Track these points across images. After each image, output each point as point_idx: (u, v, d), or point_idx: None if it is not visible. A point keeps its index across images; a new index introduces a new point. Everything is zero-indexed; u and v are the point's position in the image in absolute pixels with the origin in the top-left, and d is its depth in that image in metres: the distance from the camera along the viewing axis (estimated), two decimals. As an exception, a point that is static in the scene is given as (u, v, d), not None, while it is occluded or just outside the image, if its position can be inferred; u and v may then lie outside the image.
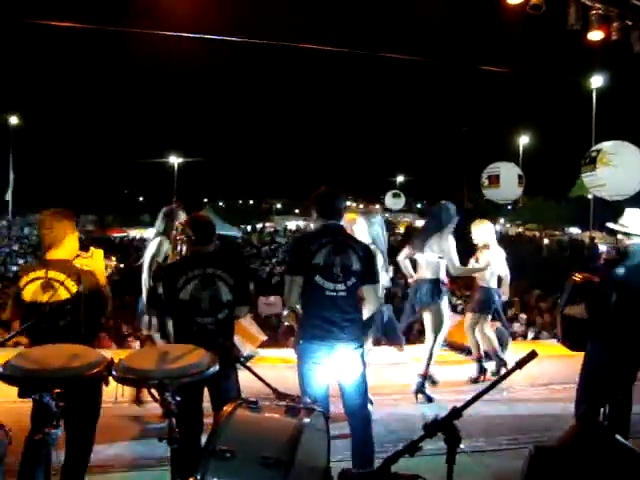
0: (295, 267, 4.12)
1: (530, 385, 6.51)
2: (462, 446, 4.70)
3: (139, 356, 3.39)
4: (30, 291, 3.73)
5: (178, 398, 2.83)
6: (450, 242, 6.33)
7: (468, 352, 7.70)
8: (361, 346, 4.11)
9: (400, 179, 54.49)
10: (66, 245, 3.90)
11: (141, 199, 66.41)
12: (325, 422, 2.76)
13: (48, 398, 2.80)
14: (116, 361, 3.01)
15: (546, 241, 37.33)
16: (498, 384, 2.38)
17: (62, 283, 3.74)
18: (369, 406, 4.60)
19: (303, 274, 4.04)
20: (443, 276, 6.39)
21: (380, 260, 5.41)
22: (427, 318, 6.42)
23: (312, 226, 4.84)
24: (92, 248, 4.17)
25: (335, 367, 3.99)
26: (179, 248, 4.55)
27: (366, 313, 4.27)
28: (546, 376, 6.84)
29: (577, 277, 4.82)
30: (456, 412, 2.23)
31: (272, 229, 50.92)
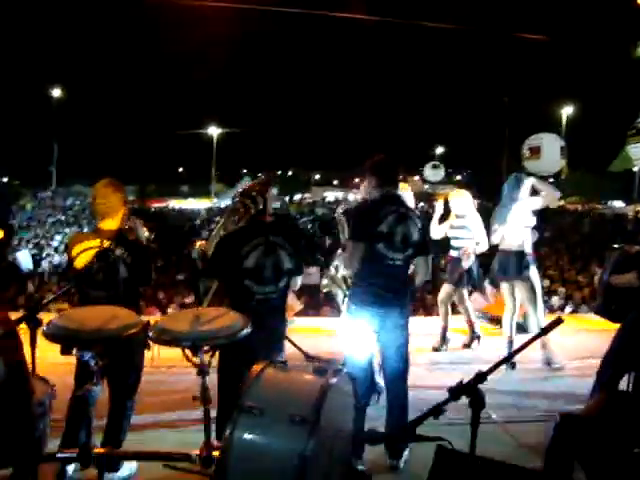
0: (360, 233, 4.14)
1: (567, 358, 6.44)
2: (493, 416, 4.78)
3: (174, 318, 3.51)
4: (83, 260, 3.84)
5: (209, 359, 2.92)
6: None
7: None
8: (408, 315, 4.18)
9: (439, 150, 53.81)
10: (119, 216, 4.00)
11: (180, 170, 67.10)
12: (353, 385, 2.81)
13: (88, 356, 2.93)
14: (152, 323, 3.12)
15: (588, 215, 36.57)
16: (523, 350, 2.39)
17: (115, 252, 3.85)
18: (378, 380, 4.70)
19: (366, 241, 4.07)
20: (529, 247, 6.32)
21: None
22: (511, 289, 6.42)
23: (353, 197, 4.84)
24: (133, 218, 4.23)
25: (383, 334, 4.07)
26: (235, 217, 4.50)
27: (418, 282, 4.34)
28: (584, 350, 6.75)
29: (629, 248, 4.76)
30: (480, 376, 2.26)
31: (310, 200, 50.92)
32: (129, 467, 3.72)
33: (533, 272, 6.36)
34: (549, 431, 2.98)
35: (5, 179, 39.02)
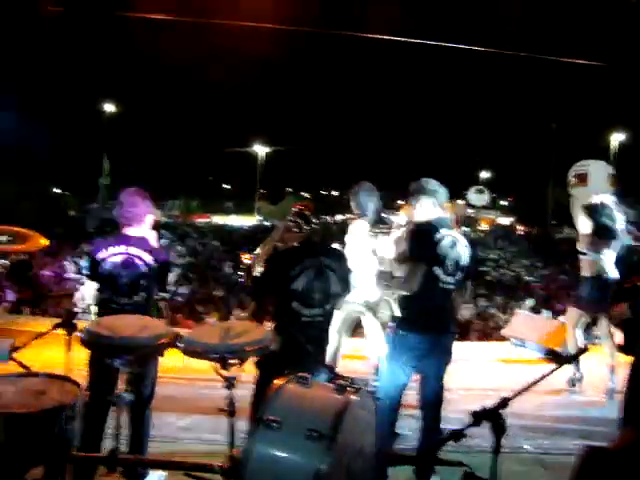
0: (419, 255, 4.09)
1: (605, 390, 6.28)
2: (526, 446, 4.67)
3: (204, 330, 3.56)
4: (109, 265, 3.91)
5: (238, 372, 2.95)
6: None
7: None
8: (455, 338, 4.18)
9: (484, 175, 53.38)
10: (145, 223, 4.09)
11: (226, 186, 67.95)
12: (374, 403, 2.81)
13: (118, 363, 3.01)
14: (182, 335, 3.18)
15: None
16: (546, 377, 2.36)
17: (141, 259, 3.93)
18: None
19: (425, 263, 4.05)
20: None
21: None
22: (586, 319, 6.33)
23: (394, 218, 4.86)
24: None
25: (429, 358, 4.03)
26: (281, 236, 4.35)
27: (458, 308, 4.34)
28: (622, 382, 6.58)
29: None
30: (503, 402, 2.24)
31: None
32: (157, 475, 3.76)
33: None
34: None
35: (57, 190, 40.08)
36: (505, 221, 52.60)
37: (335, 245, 4.91)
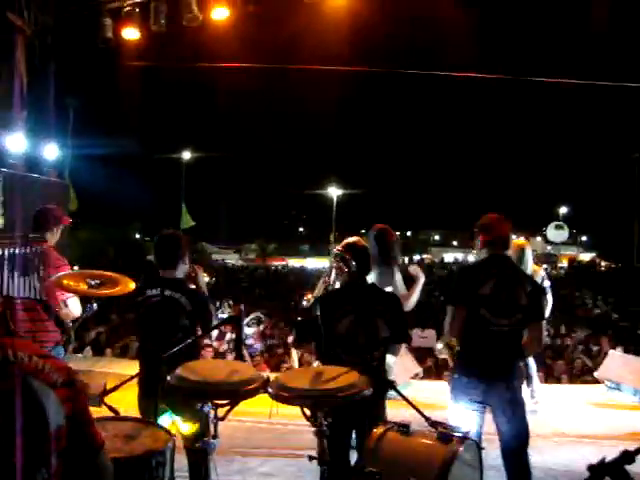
0: (460, 297, 3.96)
1: None
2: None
3: (294, 375, 3.49)
4: (146, 307, 3.93)
5: (330, 419, 2.84)
6: None
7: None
8: (520, 386, 3.91)
9: (563, 210, 51.92)
10: (181, 265, 4.08)
11: (301, 229, 68.81)
12: (478, 454, 2.64)
13: (208, 409, 2.96)
14: (272, 379, 3.10)
15: None
16: None
17: (177, 301, 3.90)
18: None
19: (467, 305, 3.87)
20: None
21: None
22: None
23: (470, 258, 4.68)
24: (194, 266, 4.36)
25: (491, 405, 3.81)
26: (332, 277, 4.39)
27: (528, 352, 4.06)
28: None
29: None
30: (628, 456, 2.02)
31: (429, 261, 50.33)
32: None
33: None
34: None
35: (137, 235, 41.52)
36: (586, 257, 50.89)
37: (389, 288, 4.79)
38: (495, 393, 3.77)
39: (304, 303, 4.33)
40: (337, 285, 4.29)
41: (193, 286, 4.20)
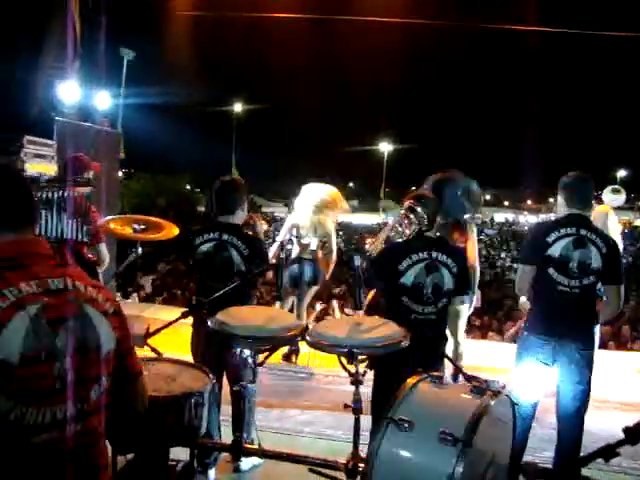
0: (528, 257, 3.93)
1: None
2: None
3: (332, 324, 3.53)
4: (203, 251, 4.00)
5: (368, 368, 2.86)
6: None
7: None
8: (591, 349, 3.83)
9: (621, 173, 50.21)
10: (239, 211, 4.13)
11: (351, 185, 68.57)
12: (512, 409, 2.62)
13: (247, 354, 3.02)
14: (310, 327, 3.14)
15: None
16: None
17: (234, 246, 3.98)
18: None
19: (536, 264, 3.83)
20: None
21: None
22: None
23: (524, 218, 4.59)
24: (252, 214, 4.46)
25: (558, 367, 3.78)
26: (401, 229, 4.27)
27: (603, 317, 3.98)
28: None
29: None
30: (666, 417, 1.98)
31: (480, 220, 49.63)
32: (251, 462, 3.84)
33: None
34: None
35: (188, 186, 42.06)
36: (644, 222, 49.35)
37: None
38: (563, 354, 3.74)
39: (367, 247, 4.33)
40: (397, 237, 4.26)
41: (250, 233, 4.29)
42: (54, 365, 1.68)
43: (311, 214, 6.30)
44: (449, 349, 5.51)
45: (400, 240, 4.01)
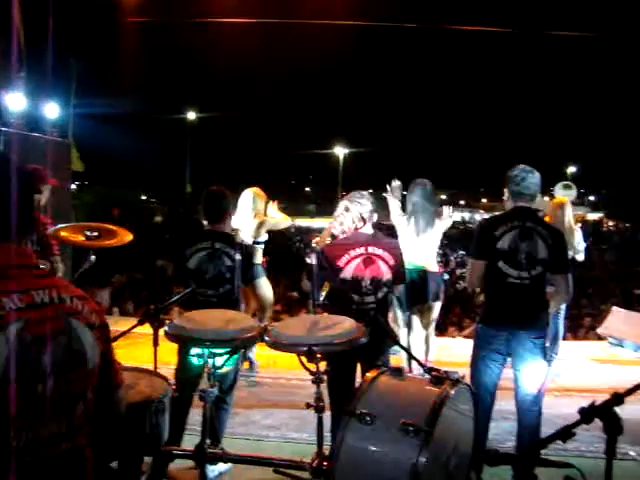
0: (478, 251, 4.01)
1: None
2: (632, 452, 4.37)
3: (291, 323, 3.53)
4: (195, 260, 4.07)
5: (327, 367, 2.87)
6: None
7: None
8: (543, 337, 3.91)
9: (572, 169, 51.39)
10: (227, 219, 4.26)
11: (307, 190, 68.62)
12: (472, 398, 2.66)
13: (205, 357, 2.99)
14: (269, 328, 3.13)
15: None
16: None
17: (226, 253, 4.07)
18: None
19: (486, 259, 3.92)
20: None
21: None
22: None
23: (477, 217, 4.74)
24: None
25: (513, 357, 3.87)
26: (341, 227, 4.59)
27: (554, 305, 4.08)
28: None
29: None
30: (617, 398, 2.03)
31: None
32: (221, 467, 3.83)
33: None
34: None
35: (144, 197, 41.60)
36: (594, 217, 50.63)
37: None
38: (517, 343, 3.82)
39: (314, 246, 4.48)
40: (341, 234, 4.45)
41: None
42: (39, 383, 1.64)
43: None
44: (419, 342, 5.66)
45: (340, 237, 4.19)
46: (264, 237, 6.33)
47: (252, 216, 6.23)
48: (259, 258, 6.34)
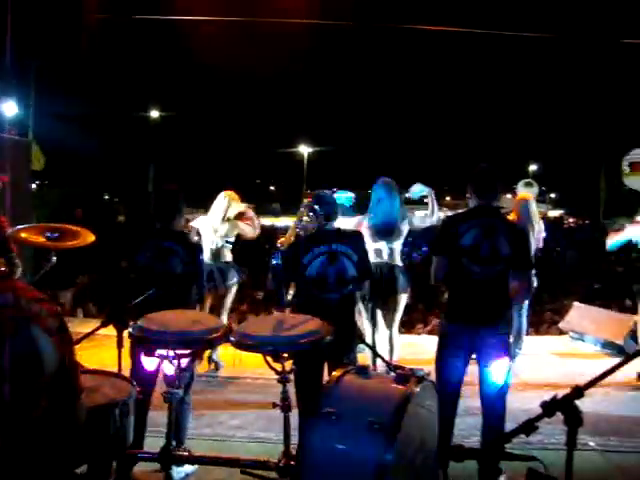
0: (440, 247, 4.05)
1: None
2: (591, 443, 4.49)
3: (256, 323, 3.53)
4: (144, 258, 4.08)
5: (292, 366, 2.88)
6: None
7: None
8: (506, 333, 3.98)
9: (533, 167, 52.23)
10: (178, 218, 4.24)
11: (272, 188, 68.40)
12: (436, 394, 2.68)
13: (170, 359, 2.97)
14: (234, 328, 3.12)
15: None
16: (619, 369, 2.17)
17: (176, 252, 4.06)
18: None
19: (449, 255, 3.96)
20: None
21: None
22: None
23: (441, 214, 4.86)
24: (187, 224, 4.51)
25: (477, 352, 3.91)
26: (304, 225, 4.64)
27: (516, 300, 4.16)
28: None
29: None
30: (578, 391, 2.08)
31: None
32: (186, 469, 3.80)
33: None
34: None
35: (106, 196, 40.98)
36: (555, 214, 51.56)
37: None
38: (481, 339, 3.86)
39: (278, 246, 4.51)
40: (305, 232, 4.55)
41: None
42: None
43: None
44: (384, 340, 5.70)
45: (303, 236, 4.32)
46: (232, 238, 6.34)
47: (221, 219, 6.22)
48: (229, 256, 6.34)
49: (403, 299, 5.71)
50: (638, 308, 6.44)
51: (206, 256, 6.26)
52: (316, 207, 4.07)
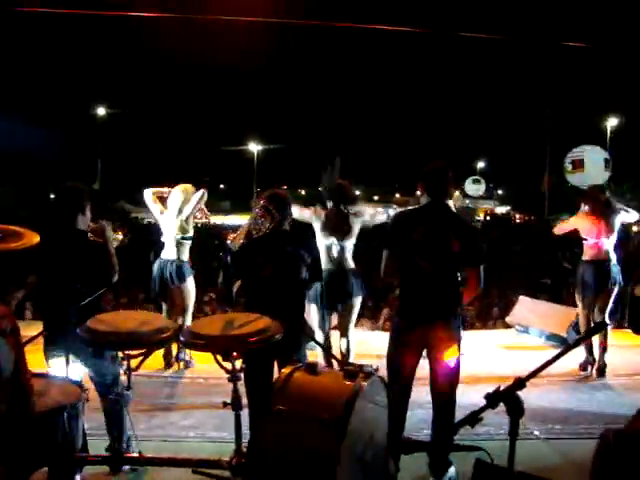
0: (392, 243, 4.07)
1: (612, 374, 6.24)
2: (536, 432, 4.62)
3: (206, 322, 3.51)
4: (48, 257, 3.92)
5: (242, 364, 2.88)
6: None
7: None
8: (457, 327, 4.03)
9: (480, 165, 53.17)
10: (80, 217, 4.06)
11: (222, 186, 67.87)
12: (385, 389, 2.73)
13: (119, 359, 2.94)
14: (184, 327, 3.11)
15: (635, 229, 35.39)
16: (559, 358, 2.25)
17: (74, 251, 3.90)
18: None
19: (400, 251, 4.00)
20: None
21: None
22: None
23: (391, 212, 4.86)
24: (102, 222, 4.33)
25: (427, 346, 3.96)
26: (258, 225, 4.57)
27: (466, 297, 4.20)
28: (629, 366, 6.57)
29: None
30: (520, 382, 2.16)
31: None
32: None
33: None
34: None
35: (52, 195, 40.06)
36: (502, 210, 52.53)
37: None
38: (431, 335, 3.90)
39: (228, 243, 4.45)
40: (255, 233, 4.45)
41: (100, 240, 4.13)
42: None
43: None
44: (340, 345, 5.73)
45: (256, 236, 4.17)
46: (191, 233, 6.27)
47: (176, 214, 6.17)
48: (186, 255, 6.27)
49: (357, 303, 5.70)
50: (576, 300, 6.64)
51: (167, 253, 6.25)
52: (270, 208, 4.05)
